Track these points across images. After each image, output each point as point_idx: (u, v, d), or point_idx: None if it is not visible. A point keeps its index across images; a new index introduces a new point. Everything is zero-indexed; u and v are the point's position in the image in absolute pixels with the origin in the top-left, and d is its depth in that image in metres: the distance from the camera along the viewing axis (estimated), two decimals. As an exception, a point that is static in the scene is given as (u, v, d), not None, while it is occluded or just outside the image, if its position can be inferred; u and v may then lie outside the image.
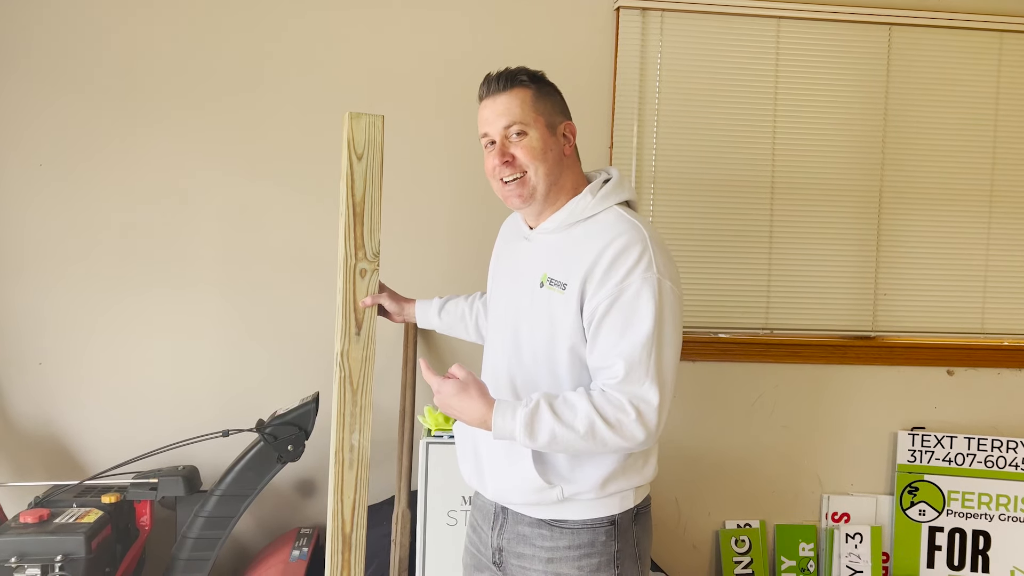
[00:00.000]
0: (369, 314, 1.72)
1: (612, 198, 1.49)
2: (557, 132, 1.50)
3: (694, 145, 2.70)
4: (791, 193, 2.74)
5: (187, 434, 2.38)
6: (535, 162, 1.47)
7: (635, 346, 1.36)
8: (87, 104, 2.51)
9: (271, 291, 2.60)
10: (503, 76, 1.48)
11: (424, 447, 2.08)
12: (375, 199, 1.70)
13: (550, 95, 1.51)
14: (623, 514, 1.49)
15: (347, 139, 1.68)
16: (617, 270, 1.38)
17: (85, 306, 2.54)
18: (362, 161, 1.68)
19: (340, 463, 1.70)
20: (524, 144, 1.47)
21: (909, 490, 2.81)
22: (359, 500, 1.73)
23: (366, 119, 1.68)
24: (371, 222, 1.70)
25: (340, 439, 1.70)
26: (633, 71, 2.66)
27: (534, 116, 1.47)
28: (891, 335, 2.82)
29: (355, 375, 1.71)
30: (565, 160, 1.51)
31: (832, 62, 2.73)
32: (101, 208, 2.54)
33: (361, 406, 1.72)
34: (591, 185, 1.50)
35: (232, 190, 2.57)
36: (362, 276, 1.70)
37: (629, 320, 1.37)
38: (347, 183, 1.68)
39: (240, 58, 2.55)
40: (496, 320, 1.64)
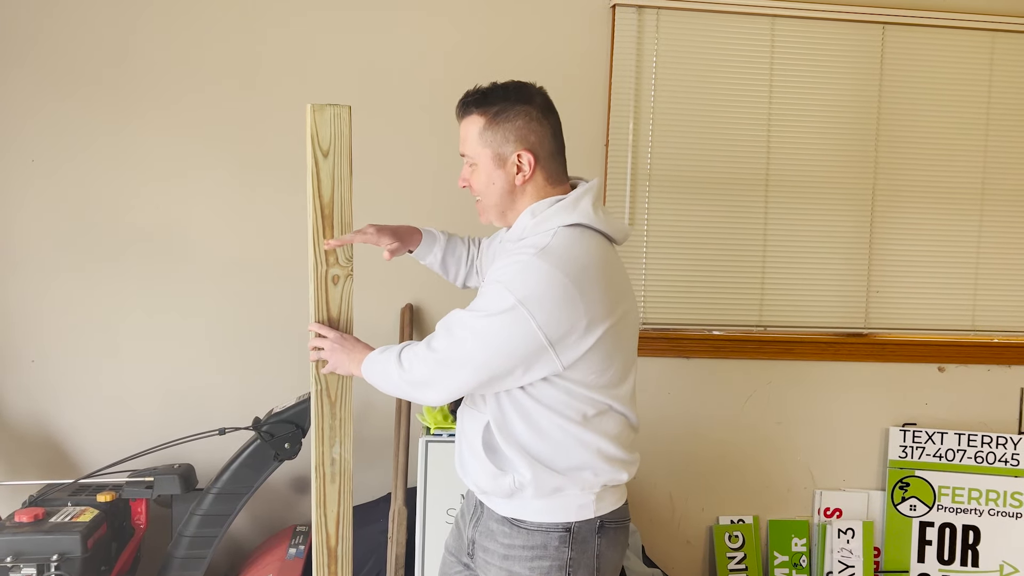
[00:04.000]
0: (344, 323, 1.64)
1: (555, 220, 1.44)
2: (507, 163, 1.46)
3: (689, 142, 2.71)
4: (785, 190, 2.75)
5: (183, 432, 2.37)
6: (482, 194, 1.50)
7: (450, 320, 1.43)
8: (79, 100, 2.49)
9: (268, 288, 2.59)
10: (463, 101, 1.49)
11: (423, 445, 2.08)
12: (345, 199, 1.59)
13: (504, 122, 1.45)
14: (582, 523, 1.46)
15: (311, 134, 1.55)
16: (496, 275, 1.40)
17: (79, 303, 2.53)
18: (328, 158, 1.56)
19: (321, 477, 1.66)
20: (474, 175, 1.50)
21: (900, 486, 2.84)
22: (343, 513, 1.69)
23: (330, 111, 1.54)
24: (342, 225, 1.59)
25: (320, 453, 1.65)
26: (629, 69, 2.67)
27: (480, 149, 1.47)
28: (883, 332, 2.85)
29: (332, 387, 1.65)
30: (519, 189, 1.48)
31: (826, 61, 2.74)
32: (94, 204, 2.52)
33: (340, 418, 1.66)
34: (535, 206, 1.47)
35: (227, 186, 2.56)
36: (335, 283, 1.61)
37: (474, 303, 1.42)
38: (313, 183, 1.56)
39: (234, 54, 2.54)
40: None
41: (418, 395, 1.49)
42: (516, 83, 1.49)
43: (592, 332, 1.37)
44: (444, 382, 1.43)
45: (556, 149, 1.49)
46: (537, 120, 1.46)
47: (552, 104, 1.50)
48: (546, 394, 1.43)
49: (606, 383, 1.44)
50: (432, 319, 2.67)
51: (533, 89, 1.49)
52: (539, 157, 1.46)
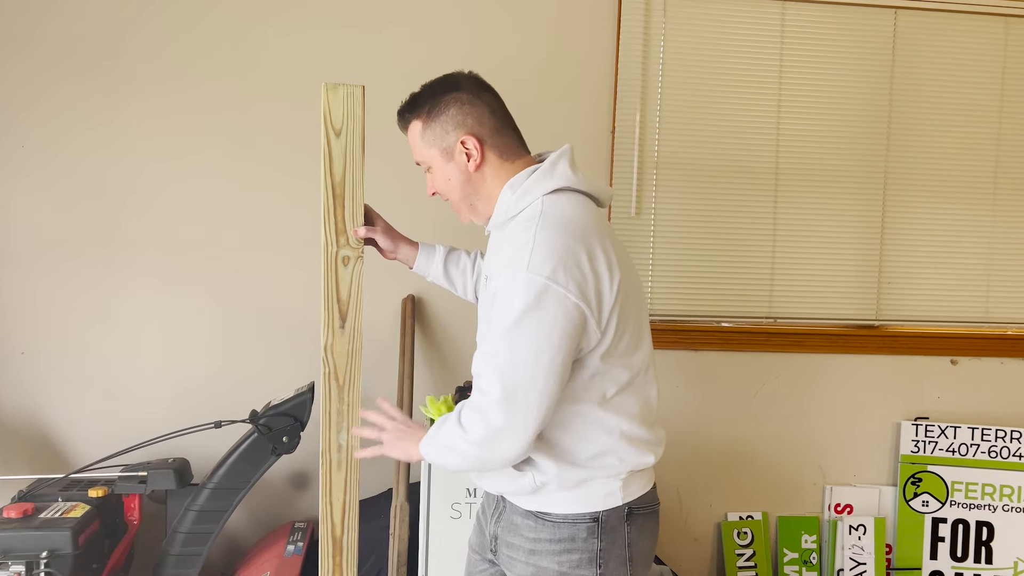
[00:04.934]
0: (355, 305, 1.62)
1: (537, 190, 1.40)
2: (455, 154, 1.44)
3: (698, 130, 2.65)
4: (795, 179, 2.69)
5: (177, 425, 2.30)
6: (448, 194, 1.49)
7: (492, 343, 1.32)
8: (71, 84, 2.42)
9: (265, 277, 2.52)
10: (399, 113, 1.50)
11: None
12: (357, 179, 1.59)
13: (438, 116, 1.44)
14: (609, 512, 1.41)
15: (324, 113, 1.56)
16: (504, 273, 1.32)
17: (70, 293, 2.46)
18: (341, 137, 1.57)
19: (328, 464, 1.64)
20: (433, 179, 1.49)
21: (912, 481, 2.78)
22: (349, 502, 1.66)
23: (344, 90, 1.56)
24: (353, 204, 1.59)
25: (327, 439, 1.63)
26: (635, 55, 2.61)
27: (428, 151, 1.47)
28: (895, 324, 2.79)
29: (341, 371, 1.62)
30: (476, 176, 1.45)
31: (837, 47, 2.68)
32: (87, 193, 2.45)
33: (348, 403, 1.64)
34: (512, 180, 1.42)
35: (223, 174, 2.49)
36: (345, 264, 1.59)
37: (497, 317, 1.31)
38: (325, 162, 1.57)
39: (228, 38, 2.47)
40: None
41: (495, 454, 1.34)
42: (442, 76, 1.49)
43: (611, 290, 1.33)
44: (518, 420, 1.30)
45: (500, 124, 1.45)
46: (469, 103, 1.43)
47: (484, 83, 1.48)
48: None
49: (623, 350, 1.38)
50: (435, 310, 2.60)
51: (459, 75, 1.48)
52: (482, 137, 1.43)
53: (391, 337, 2.54)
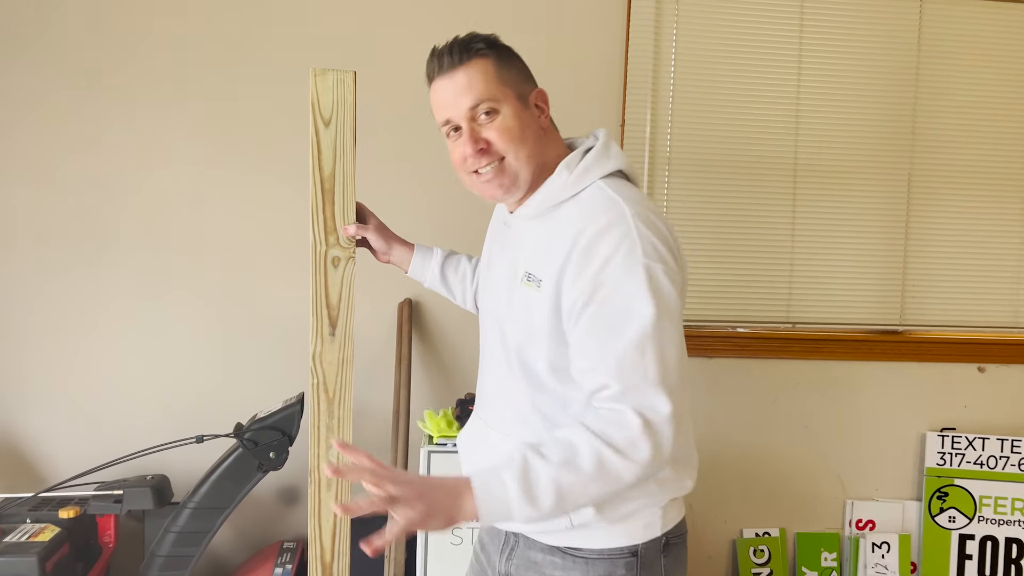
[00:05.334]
0: (345, 309, 1.50)
1: (595, 171, 1.24)
2: (529, 103, 1.26)
3: (712, 125, 2.49)
4: (815, 177, 2.54)
5: (156, 439, 2.14)
6: (514, 144, 1.23)
7: (627, 348, 1.11)
8: (51, 83, 2.26)
9: (253, 280, 2.37)
10: (456, 47, 1.23)
11: (425, 456, 1.86)
12: (348, 172, 1.47)
13: (512, 60, 1.27)
14: (648, 544, 1.26)
15: (312, 101, 1.45)
16: (593, 259, 1.14)
17: (44, 297, 2.30)
18: (330, 127, 1.45)
19: (316, 483, 1.51)
20: (497, 125, 1.23)
21: (938, 495, 2.63)
22: (340, 524, 1.54)
23: (333, 76, 1.45)
24: (344, 200, 1.47)
25: (315, 456, 1.51)
26: (646, 45, 2.46)
27: (502, 89, 1.23)
28: (919, 329, 2.64)
29: (330, 381, 1.50)
30: (544, 135, 1.28)
31: (860, 36, 2.53)
32: (63, 193, 2.29)
33: (339, 417, 1.51)
34: (568, 159, 1.25)
35: (210, 174, 2.34)
36: (335, 265, 1.48)
37: (613, 318, 1.12)
38: (314, 155, 1.46)
39: (214, 30, 2.31)
40: (484, 321, 1.41)
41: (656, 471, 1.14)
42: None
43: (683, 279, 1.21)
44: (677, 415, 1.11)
45: None
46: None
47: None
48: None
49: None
50: (435, 315, 2.45)
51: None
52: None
53: (386, 345, 2.38)
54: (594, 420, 1.12)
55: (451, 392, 2.43)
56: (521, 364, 1.26)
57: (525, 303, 1.23)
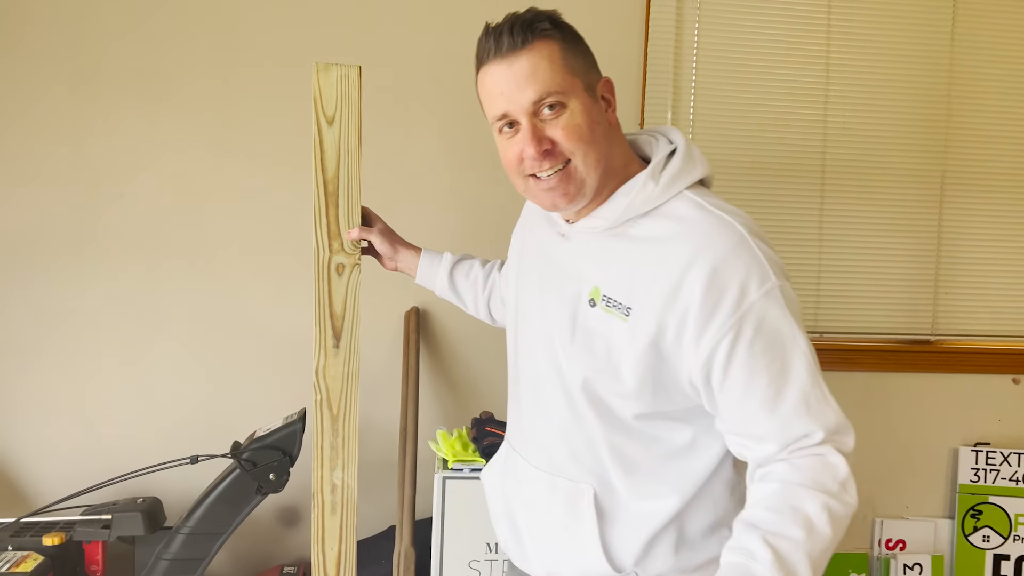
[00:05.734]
0: (350, 320, 1.40)
1: (682, 180, 1.06)
2: (597, 95, 1.08)
3: (736, 124, 2.37)
4: (844, 179, 2.42)
5: (147, 459, 2.00)
6: (583, 145, 1.04)
7: (805, 385, 0.99)
8: (34, 74, 2.13)
9: (248, 289, 2.24)
10: (519, 25, 1.03)
11: (439, 482, 1.73)
12: (352, 174, 1.38)
13: (579, 43, 1.09)
14: None
15: (315, 98, 1.35)
16: (725, 295, 0.98)
17: (28, 303, 2.17)
18: (334, 126, 1.36)
19: (320, 507, 1.44)
20: (564, 122, 1.04)
21: (972, 513, 2.50)
22: (346, 551, 1.46)
23: (337, 71, 1.35)
24: (348, 203, 1.38)
25: (319, 478, 1.42)
26: (667, 43, 2.33)
27: (570, 79, 1.03)
28: (952, 339, 2.51)
29: (335, 397, 1.42)
30: (612, 133, 1.09)
31: (891, 31, 2.40)
32: (51, 193, 2.16)
33: (344, 436, 1.43)
34: (652, 166, 1.07)
35: (206, 173, 2.20)
36: (339, 273, 1.39)
37: (778, 355, 0.98)
38: (316, 155, 1.37)
39: (210, 22, 2.18)
40: (522, 344, 1.24)
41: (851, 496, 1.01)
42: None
43: None
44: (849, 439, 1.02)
45: None
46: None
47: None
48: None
49: None
50: (443, 324, 2.31)
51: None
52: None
53: (392, 357, 2.25)
54: (801, 473, 0.98)
55: (462, 409, 2.29)
56: (590, 400, 1.10)
57: (600, 332, 1.06)
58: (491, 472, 1.34)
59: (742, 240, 1.00)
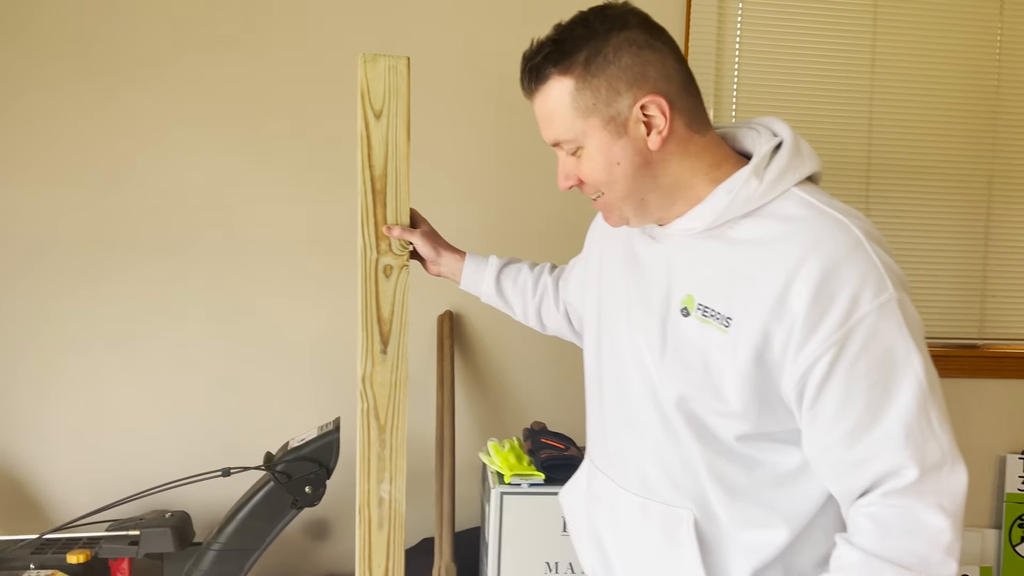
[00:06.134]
0: (399, 324, 1.33)
1: (790, 177, 0.97)
2: (628, 125, 0.97)
3: (779, 121, 2.30)
4: (890, 179, 2.35)
5: (176, 472, 1.91)
6: (603, 184, 1.01)
7: (910, 415, 0.88)
8: (53, 65, 2.04)
9: (275, 292, 2.15)
10: (526, 71, 1.01)
11: (497, 497, 1.64)
12: (401, 170, 1.30)
13: (603, 69, 0.96)
14: None
15: (361, 90, 1.27)
16: (831, 305, 0.89)
17: (47, 308, 2.07)
18: (381, 120, 1.28)
19: (367, 522, 1.35)
20: (583, 163, 1.01)
21: (1020, 523, 2.43)
22: (393, 569, 1.38)
23: (384, 62, 1.28)
24: (397, 201, 1.31)
25: (366, 491, 1.34)
26: (708, 38, 2.26)
27: (584, 120, 0.97)
28: (1000, 343, 2.44)
29: (382, 406, 1.34)
30: (657, 156, 0.98)
31: (938, 29, 2.33)
32: (70, 192, 2.07)
33: (391, 446, 1.35)
34: (756, 161, 0.97)
35: (235, 168, 2.12)
36: (387, 275, 1.32)
37: (881, 376, 0.89)
38: (363, 151, 1.28)
39: (238, 3, 2.10)
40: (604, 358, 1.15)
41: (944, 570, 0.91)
42: (593, 10, 1.00)
43: None
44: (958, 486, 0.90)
45: (686, 77, 1.00)
46: (647, 46, 0.97)
47: (652, 19, 1.02)
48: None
49: None
50: (476, 328, 2.23)
51: (622, 7, 1.01)
52: (670, 96, 0.97)
53: (425, 363, 2.17)
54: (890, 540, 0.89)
55: (500, 415, 2.21)
56: (686, 419, 1.01)
57: (696, 344, 0.98)
58: (573, 493, 1.25)
59: (858, 244, 0.91)
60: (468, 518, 2.16)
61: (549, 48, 0.99)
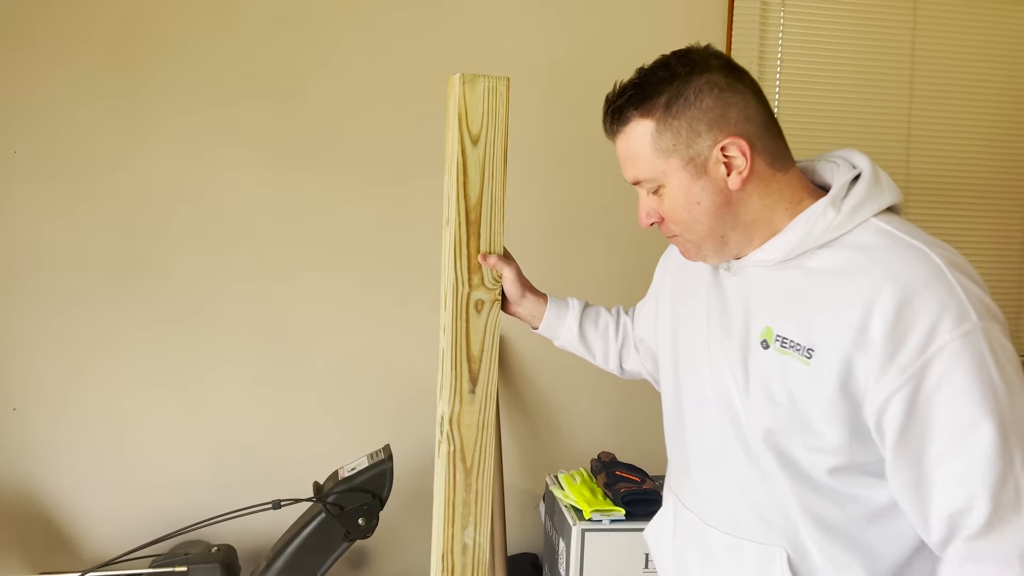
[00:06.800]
0: (488, 363, 1.24)
1: (869, 207, 0.97)
2: (708, 165, 0.99)
3: (818, 138, 2.29)
4: (929, 194, 2.36)
5: (215, 504, 1.84)
6: (682, 224, 1.03)
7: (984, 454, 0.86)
8: (77, 83, 1.96)
9: (314, 316, 2.08)
10: (608, 113, 1.04)
11: (579, 535, 1.57)
12: (497, 199, 1.23)
13: (684, 111, 0.99)
14: None
15: (458, 114, 1.20)
16: (908, 335, 0.88)
17: (78, 334, 1.99)
18: (479, 145, 1.21)
19: (450, 570, 1.26)
20: (664, 202, 1.03)
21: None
22: None
23: (484, 83, 1.20)
24: (492, 232, 1.24)
25: (449, 537, 1.25)
26: (751, 52, 2.25)
27: (664, 161, 1.00)
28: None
29: (468, 449, 1.25)
30: (737, 196, 1.00)
31: (976, 43, 2.34)
32: (98, 209, 1.99)
33: (477, 491, 1.26)
34: (833, 193, 0.98)
35: (270, 188, 2.05)
36: (478, 310, 1.24)
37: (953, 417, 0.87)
38: (458, 178, 1.21)
39: (272, 23, 2.03)
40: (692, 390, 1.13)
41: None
42: (674, 54, 1.02)
43: None
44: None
45: (768, 118, 1.01)
46: (729, 88, 0.98)
47: (735, 63, 1.04)
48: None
49: None
50: (522, 351, 2.18)
51: (703, 51, 1.02)
52: (751, 137, 0.98)
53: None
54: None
55: (548, 444, 2.15)
56: (775, 455, 0.99)
57: (779, 377, 0.97)
58: (659, 531, 1.22)
59: (938, 273, 0.89)
60: (514, 542, 2.11)
61: (631, 91, 1.01)
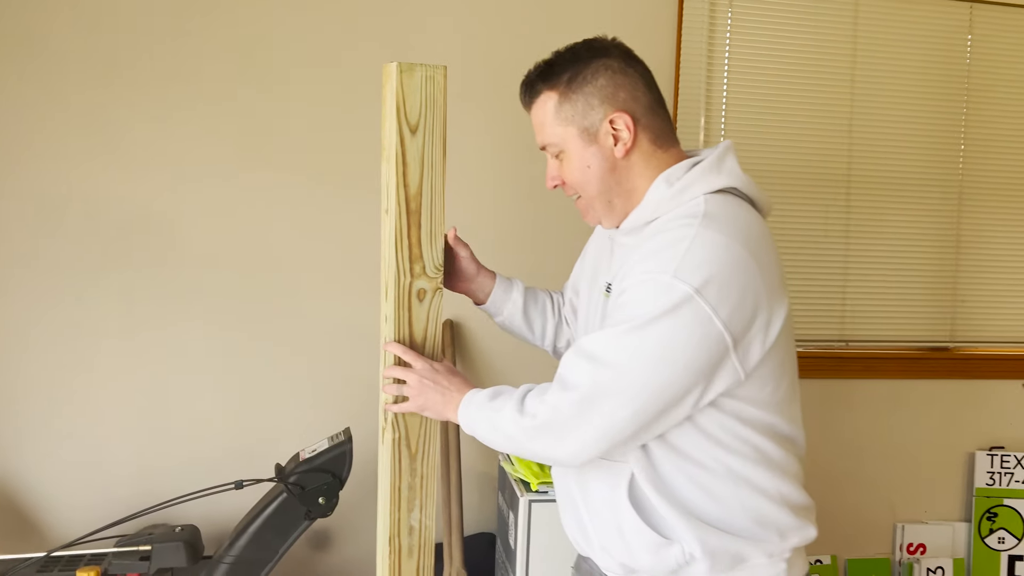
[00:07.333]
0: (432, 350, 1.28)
1: (699, 186, 1.12)
2: (599, 135, 1.15)
3: (765, 135, 2.39)
4: (869, 189, 2.46)
5: (178, 485, 1.90)
6: (579, 185, 1.20)
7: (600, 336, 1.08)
8: (59, 79, 2.00)
9: (276, 302, 2.14)
10: (524, 84, 1.23)
11: (525, 506, 1.66)
12: (437, 188, 1.25)
13: (582, 87, 1.16)
14: None
15: (396, 103, 1.21)
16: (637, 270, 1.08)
17: (41, 317, 2.03)
18: (417, 135, 1.23)
19: (396, 551, 1.30)
20: (563, 166, 1.21)
21: (988, 516, 2.56)
22: None
23: (422, 72, 1.22)
24: (432, 221, 1.26)
25: (395, 521, 1.29)
26: (699, 54, 2.34)
27: (564, 129, 1.18)
28: (968, 346, 2.57)
29: (413, 435, 1.28)
30: (622, 164, 1.16)
31: (912, 43, 2.45)
32: (62, 197, 2.03)
33: (422, 475, 1.30)
34: (669, 171, 1.15)
35: (228, 178, 2.10)
36: (420, 299, 1.26)
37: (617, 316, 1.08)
38: (397, 168, 1.23)
39: (242, 17, 2.08)
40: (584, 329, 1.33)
41: (544, 449, 1.13)
42: (582, 41, 1.21)
43: (774, 323, 1.08)
44: (588, 428, 1.06)
45: (654, 101, 1.19)
46: (621, 71, 1.17)
47: (633, 52, 1.22)
48: (710, 424, 1.10)
49: (780, 398, 1.13)
50: (476, 338, 2.26)
51: (605, 41, 1.21)
52: (636, 115, 1.15)
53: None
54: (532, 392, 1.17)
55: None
56: None
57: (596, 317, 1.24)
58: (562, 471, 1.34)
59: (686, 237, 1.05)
60: (471, 523, 2.19)
61: (543, 68, 1.20)
